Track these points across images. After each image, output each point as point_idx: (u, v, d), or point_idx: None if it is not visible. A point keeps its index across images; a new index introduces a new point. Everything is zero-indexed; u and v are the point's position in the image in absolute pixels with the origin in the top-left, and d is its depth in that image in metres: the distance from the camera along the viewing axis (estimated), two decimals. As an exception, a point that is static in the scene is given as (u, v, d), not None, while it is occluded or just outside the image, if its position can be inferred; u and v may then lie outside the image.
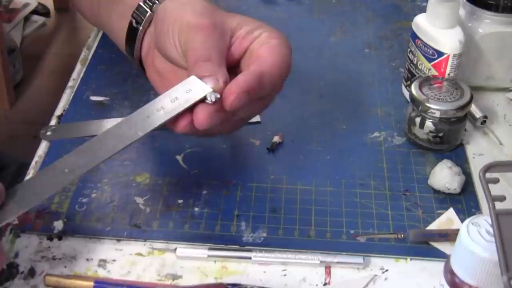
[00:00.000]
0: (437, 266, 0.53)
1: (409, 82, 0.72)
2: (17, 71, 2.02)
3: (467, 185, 0.63)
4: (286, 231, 0.59)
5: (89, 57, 0.80)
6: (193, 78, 0.53)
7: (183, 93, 0.52)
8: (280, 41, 0.56)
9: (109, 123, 0.68)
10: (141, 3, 0.61)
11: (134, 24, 0.61)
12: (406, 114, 0.68)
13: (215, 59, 0.54)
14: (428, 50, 0.68)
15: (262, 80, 0.53)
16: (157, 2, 0.60)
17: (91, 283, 0.53)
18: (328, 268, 0.56)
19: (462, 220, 0.59)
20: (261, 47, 0.56)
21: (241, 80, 0.52)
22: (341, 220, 0.60)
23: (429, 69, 0.69)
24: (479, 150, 0.68)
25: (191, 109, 0.52)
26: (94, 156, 0.50)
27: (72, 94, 0.74)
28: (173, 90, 0.53)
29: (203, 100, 0.52)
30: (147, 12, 0.60)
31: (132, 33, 0.61)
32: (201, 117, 0.51)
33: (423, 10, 0.70)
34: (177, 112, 0.51)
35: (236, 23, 0.57)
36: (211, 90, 0.51)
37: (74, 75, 0.77)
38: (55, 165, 0.50)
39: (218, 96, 0.51)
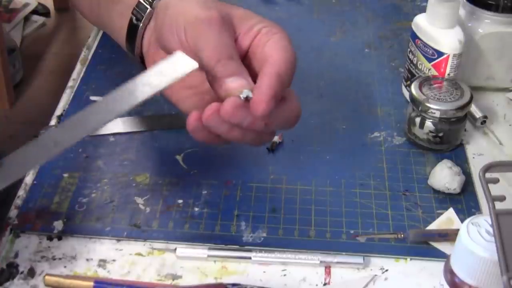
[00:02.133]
0: (437, 266, 0.53)
1: (409, 82, 0.72)
2: (17, 71, 2.02)
3: (467, 185, 0.63)
4: (286, 231, 0.59)
5: (89, 57, 0.80)
6: (179, 53, 0.52)
7: (169, 69, 0.51)
8: (282, 35, 0.55)
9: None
10: (141, 0, 0.60)
11: (134, 21, 0.61)
12: (406, 114, 0.68)
13: (235, 55, 0.53)
14: (428, 50, 0.68)
15: (283, 80, 0.52)
16: None
17: (91, 283, 0.53)
18: (328, 268, 0.56)
19: (462, 220, 0.59)
20: (266, 46, 0.55)
21: (266, 86, 0.51)
22: (341, 220, 0.60)
23: (429, 69, 0.69)
24: (479, 150, 0.68)
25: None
26: (79, 129, 0.49)
27: (72, 94, 0.74)
28: (158, 66, 0.52)
29: (185, 75, 0.51)
30: (147, 8, 0.60)
31: (133, 30, 0.61)
32: (227, 107, 0.50)
33: (423, 10, 0.70)
34: (163, 86, 0.50)
35: (237, 17, 0.56)
36: (197, 65, 0.51)
37: (74, 75, 0.77)
38: (39, 139, 0.49)
39: (251, 95, 0.51)
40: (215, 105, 0.51)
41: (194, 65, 0.51)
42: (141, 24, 0.60)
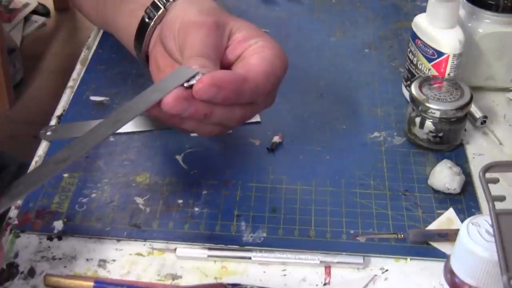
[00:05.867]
0: (437, 266, 0.53)
1: (409, 82, 0.72)
2: (17, 71, 2.02)
3: (467, 185, 0.63)
4: (286, 231, 0.59)
5: (89, 57, 0.80)
6: (182, 66, 0.54)
7: (172, 80, 0.53)
8: (274, 52, 0.56)
9: (109, 123, 0.68)
10: (156, 0, 0.61)
11: (146, 19, 0.62)
12: (406, 114, 0.68)
13: (212, 56, 0.55)
14: (428, 50, 0.68)
15: (242, 86, 0.53)
16: (171, 0, 0.61)
17: (91, 283, 0.53)
18: (328, 268, 0.56)
19: (462, 220, 0.59)
20: (253, 56, 0.56)
21: (218, 74, 0.52)
22: (341, 220, 0.60)
23: (429, 69, 0.69)
24: (479, 150, 0.68)
25: None
26: (84, 145, 0.51)
27: (72, 94, 0.74)
28: (162, 80, 0.54)
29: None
30: (160, 8, 0.61)
31: (143, 28, 0.62)
32: (169, 99, 0.51)
33: (423, 10, 0.70)
34: (162, 95, 0.52)
35: (236, 27, 0.58)
36: (197, 71, 0.52)
37: (74, 75, 0.77)
38: (48, 161, 0.51)
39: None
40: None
41: (194, 71, 0.52)
42: (152, 23, 0.61)
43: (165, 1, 0.61)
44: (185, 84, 0.52)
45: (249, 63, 0.55)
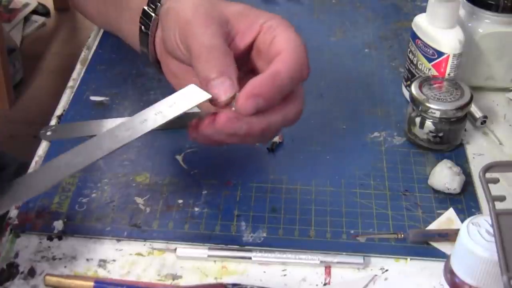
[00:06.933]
0: (437, 266, 0.53)
1: (409, 82, 0.72)
2: (17, 71, 2.02)
3: (467, 185, 0.63)
4: (286, 231, 0.59)
5: (89, 57, 0.80)
6: (192, 86, 0.53)
7: (181, 99, 0.52)
8: (284, 27, 0.55)
9: (109, 123, 0.68)
10: (145, 7, 0.60)
11: (143, 29, 0.61)
12: (406, 114, 0.68)
13: (223, 52, 0.53)
14: (428, 50, 0.68)
15: (282, 78, 0.51)
16: (158, 4, 0.59)
17: (91, 283, 0.53)
18: (328, 268, 0.56)
19: (462, 220, 0.59)
20: (273, 44, 0.54)
21: (251, 87, 0.51)
22: (341, 220, 0.60)
23: (429, 69, 0.69)
24: (479, 150, 0.68)
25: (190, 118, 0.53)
26: (89, 155, 0.50)
27: (72, 94, 0.74)
28: (171, 97, 0.53)
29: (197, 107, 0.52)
30: (151, 16, 0.60)
31: (144, 38, 0.61)
32: (222, 120, 0.51)
33: (423, 10, 0.70)
34: (174, 115, 0.52)
35: (234, 15, 0.56)
36: (209, 96, 0.52)
37: (74, 75, 0.77)
38: (51, 163, 0.50)
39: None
40: (211, 117, 0.52)
41: (206, 96, 0.52)
42: (149, 33, 0.60)
43: (154, 7, 0.59)
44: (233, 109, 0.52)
45: (276, 51, 0.53)
